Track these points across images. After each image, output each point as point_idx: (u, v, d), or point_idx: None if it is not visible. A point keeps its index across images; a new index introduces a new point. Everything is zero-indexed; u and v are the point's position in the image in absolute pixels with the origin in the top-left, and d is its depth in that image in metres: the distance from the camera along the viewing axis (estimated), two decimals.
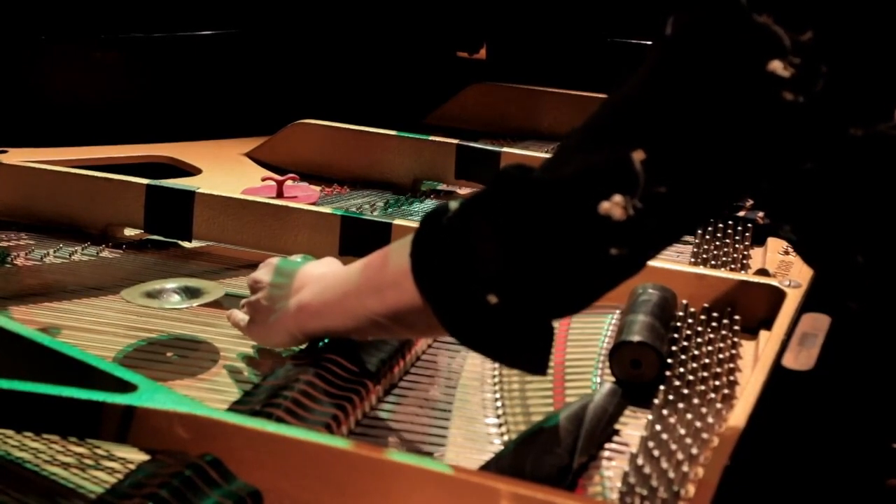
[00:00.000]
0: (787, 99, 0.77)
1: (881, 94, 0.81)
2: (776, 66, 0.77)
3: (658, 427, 0.98)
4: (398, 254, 0.94)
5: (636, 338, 1.10)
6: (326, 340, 1.07)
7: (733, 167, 0.81)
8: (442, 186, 1.86)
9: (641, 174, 0.80)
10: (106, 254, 1.48)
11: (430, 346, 1.19)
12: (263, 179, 1.76)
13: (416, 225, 0.93)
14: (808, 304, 1.20)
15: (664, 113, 0.80)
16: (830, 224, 0.86)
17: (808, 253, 0.94)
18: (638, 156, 0.80)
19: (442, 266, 0.89)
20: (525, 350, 0.89)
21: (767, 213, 0.96)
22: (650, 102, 0.81)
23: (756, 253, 1.54)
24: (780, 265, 1.49)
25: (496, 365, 1.15)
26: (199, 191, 1.50)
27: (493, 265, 0.85)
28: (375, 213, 1.68)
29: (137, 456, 0.88)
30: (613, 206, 0.80)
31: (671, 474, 0.91)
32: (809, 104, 0.78)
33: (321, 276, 1.07)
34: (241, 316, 1.16)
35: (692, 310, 1.24)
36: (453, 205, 0.91)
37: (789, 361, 1.05)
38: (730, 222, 1.57)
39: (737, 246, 1.52)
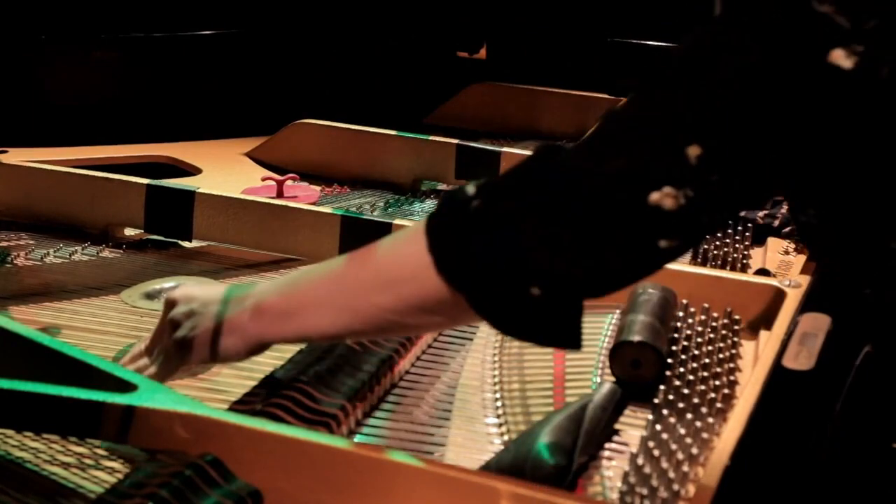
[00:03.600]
0: (848, 89, 0.76)
1: None
2: (838, 55, 0.75)
3: (658, 427, 0.98)
4: (407, 245, 0.90)
5: (636, 338, 1.10)
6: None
7: (790, 157, 0.80)
8: (442, 186, 1.86)
9: (696, 168, 0.79)
10: (106, 254, 1.48)
11: (429, 347, 1.19)
12: (263, 179, 1.76)
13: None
14: (808, 304, 1.19)
15: (721, 107, 0.79)
16: (865, 208, 0.85)
17: (824, 239, 0.92)
18: (693, 151, 0.79)
19: (477, 258, 0.86)
20: (560, 330, 0.88)
21: (790, 195, 0.94)
22: (705, 94, 0.79)
23: (756, 253, 1.54)
24: (780, 265, 1.49)
25: (496, 365, 1.15)
26: (199, 191, 1.50)
27: (537, 259, 0.83)
28: (375, 213, 1.68)
29: (137, 456, 0.88)
30: (664, 197, 0.79)
31: (671, 474, 0.91)
32: (872, 93, 0.76)
33: (270, 283, 0.99)
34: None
35: (692, 310, 1.24)
36: (470, 189, 0.87)
37: (789, 361, 1.05)
38: (730, 222, 1.57)
39: (737, 246, 1.52)
